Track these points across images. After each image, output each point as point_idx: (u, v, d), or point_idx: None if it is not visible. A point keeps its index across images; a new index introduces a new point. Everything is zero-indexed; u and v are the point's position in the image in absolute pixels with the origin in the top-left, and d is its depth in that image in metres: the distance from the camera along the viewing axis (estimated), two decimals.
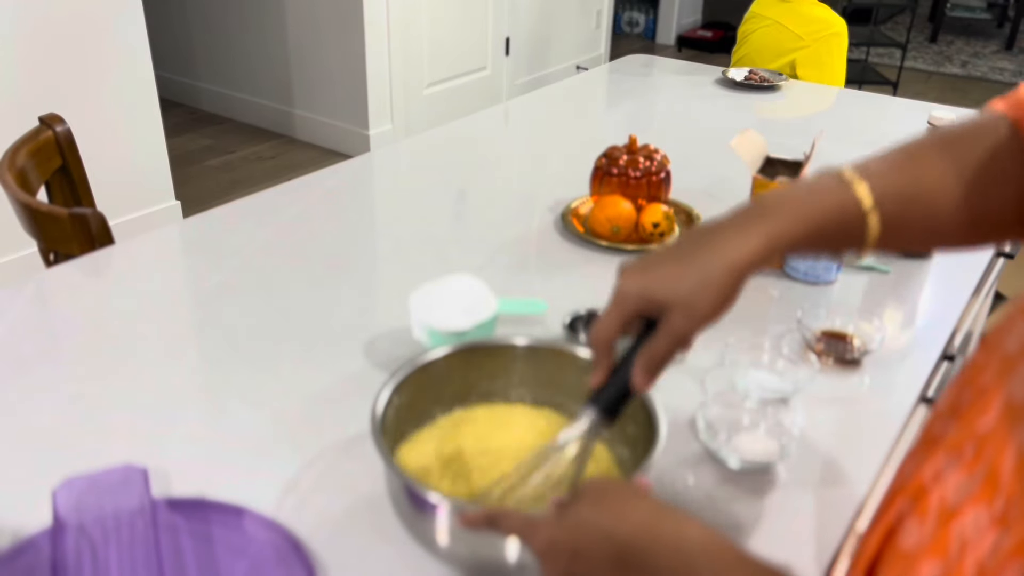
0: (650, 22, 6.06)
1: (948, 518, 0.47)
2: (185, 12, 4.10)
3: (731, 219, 0.62)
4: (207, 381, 0.96)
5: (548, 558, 0.57)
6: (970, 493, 0.47)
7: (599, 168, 1.31)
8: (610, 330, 0.63)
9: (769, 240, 0.60)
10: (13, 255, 2.59)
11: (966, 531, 0.45)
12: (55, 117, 1.42)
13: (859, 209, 0.61)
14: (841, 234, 0.61)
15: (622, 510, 0.57)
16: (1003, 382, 0.48)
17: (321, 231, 1.29)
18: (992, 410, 0.48)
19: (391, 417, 0.73)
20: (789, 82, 2.11)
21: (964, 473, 0.48)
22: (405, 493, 0.66)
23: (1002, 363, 0.49)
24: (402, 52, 3.73)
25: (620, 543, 0.55)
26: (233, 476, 0.79)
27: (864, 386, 0.97)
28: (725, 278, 0.59)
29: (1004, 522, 0.43)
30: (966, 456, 0.49)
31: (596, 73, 2.27)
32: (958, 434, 0.51)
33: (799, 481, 0.81)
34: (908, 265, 1.22)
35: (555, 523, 0.58)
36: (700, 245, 0.61)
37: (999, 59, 5.92)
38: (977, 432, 0.49)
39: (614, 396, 0.63)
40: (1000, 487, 0.45)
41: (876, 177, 0.61)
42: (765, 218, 0.61)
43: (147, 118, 2.87)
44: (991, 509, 0.45)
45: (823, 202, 0.61)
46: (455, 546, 0.65)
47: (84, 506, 0.66)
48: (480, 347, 0.81)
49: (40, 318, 1.07)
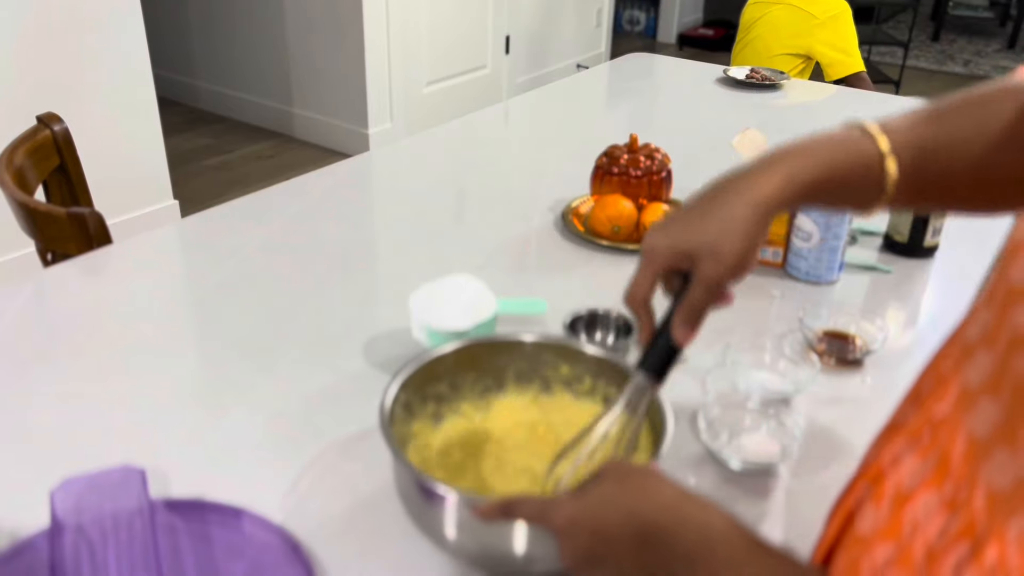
0: (651, 20, 6.06)
1: (902, 502, 0.48)
2: (184, 11, 4.10)
3: (752, 165, 0.62)
4: (206, 381, 0.96)
5: (568, 536, 0.56)
6: (923, 478, 0.47)
7: (600, 167, 1.31)
8: (643, 287, 0.64)
9: (790, 178, 0.61)
10: (11, 255, 2.58)
11: (918, 515, 0.46)
12: (53, 116, 1.41)
13: (879, 155, 0.61)
14: (859, 179, 0.62)
15: (646, 490, 0.56)
16: (960, 369, 0.48)
17: (321, 231, 1.28)
18: (948, 397, 0.49)
19: (399, 412, 0.73)
20: (790, 81, 2.11)
21: (919, 458, 0.49)
22: (415, 486, 0.66)
23: (962, 351, 0.50)
24: (402, 51, 3.72)
25: (643, 522, 0.54)
26: (232, 476, 0.79)
27: (866, 386, 0.96)
28: (748, 217, 0.60)
29: (952, 506, 0.44)
30: (923, 442, 0.49)
31: (597, 72, 2.26)
32: (917, 420, 0.51)
33: (800, 482, 0.81)
34: (910, 265, 1.22)
35: (575, 501, 0.57)
36: (722, 190, 0.62)
37: (1001, 58, 5.92)
38: (933, 418, 0.49)
39: (661, 356, 0.65)
40: (950, 471, 0.45)
41: (896, 132, 0.62)
42: (784, 160, 0.62)
43: (145, 117, 2.86)
44: (941, 493, 0.45)
45: (844, 146, 0.62)
46: (464, 539, 0.65)
47: (82, 507, 0.65)
48: (487, 343, 0.80)
49: (38, 318, 1.07)
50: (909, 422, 0.52)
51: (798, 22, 2.61)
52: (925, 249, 1.22)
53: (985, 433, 0.44)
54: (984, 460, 0.43)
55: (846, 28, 2.62)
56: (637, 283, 0.65)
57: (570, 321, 0.97)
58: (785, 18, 2.63)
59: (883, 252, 1.25)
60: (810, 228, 1.11)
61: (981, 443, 0.44)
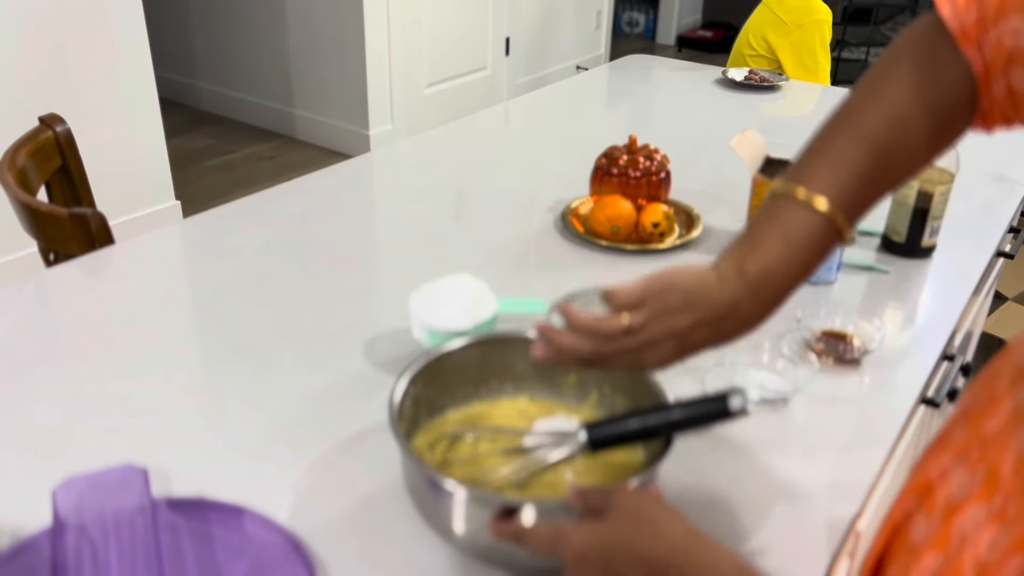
0: (650, 22, 6.06)
1: (951, 513, 0.48)
2: (185, 12, 4.10)
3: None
4: (207, 381, 0.96)
5: (578, 569, 0.58)
6: (971, 490, 0.48)
7: (599, 168, 1.31)
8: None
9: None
10: (13, 255, 2.59)
11: (966, 526, 0.46)
12: (55, 117, 1.42)
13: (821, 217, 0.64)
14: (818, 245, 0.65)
15: (657, 529, 0.57)
16: (1014, 389, 0.49)
17: (321, 231, 1.29)
18: (1000, 414, 0.49)
19: (407, 407, 0.74)
20: (789, 82, 2.11)
21: (967, 472, 0.49)
22: (424, 482, 0.66)
23: (1016, 372, 0.50)
24: (402, 52, 3.73)
25: (654, 562, 0.55)
26: (233, 476, 0.79)
27: (864, 386, 0.97)
28: None
29: (1002, 519, 0.44)
30: (972, 457, 0.49)
31: (596, 73, 2.27)
32: (965, 436, 0.52)
33: (799, 482, 0.81)
34: (908, 265, 1.22)
35: (587, 536, 0.58)
36: None
37: None
38: (983, 434, 0.50)
39: (608, 436, 0.67)
40: (1000, 486, 0.45)
41: (822, 179, 0.64)
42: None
43: (147, 118, 2.87)
44: (990, 506, 0.45)
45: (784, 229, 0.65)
46: (474, 533, 0.66)
47: (84, 506, 0.66)
48: (496, 340, 0.81)
49: (40, 318, 1.07)
50: (957, 438, 0.53)
51: (771, 26, 2.55)
52: (923, 249, 1.23)
53: None
54: None
55: (811, 40, 2.51)
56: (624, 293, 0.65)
57: None
58: (762, 20, 2.60)
59: (881, 252, 1.25)
60: None
61: None
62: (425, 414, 0.78)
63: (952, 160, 1.19)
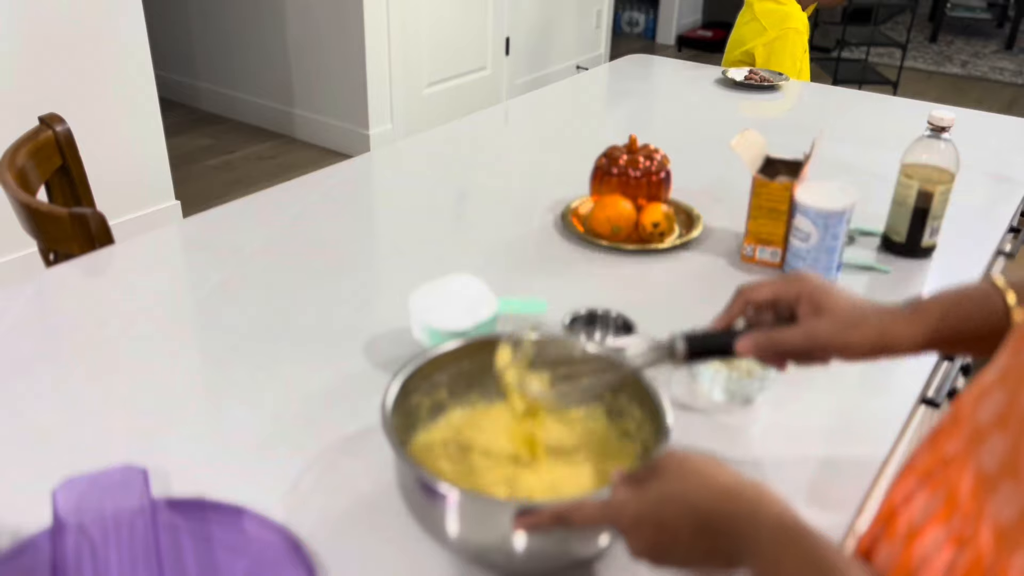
0: (650, 22, 6.06)
1: (912, 538, 0.48)
2: (185, 12, 4.10)
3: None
4: (207, 381, 0.96)
5: (635, 533, 0.59)
6: (932, 513, 0.48)
7: (599, 168, 1.31)
8: (762, 292, 0.70)
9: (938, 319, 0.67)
10: (13, 255, 2.59)
11: (927, 549, 0.47)
12: (55, 117, 1.42)
13: (999, 294, 0.65)
14: (982, 318, 0.66)
15: (702, 480, 0.58)
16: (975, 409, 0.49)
17: (321, 231, 1.29)
18: (960, 435, 0.49)
19: (400, 409, 0.73)
20: (789, 82, 2.11)
21: (928, 494, 0.49)
22: (417, 484, 0.66)
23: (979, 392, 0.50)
24: (402, 52, 3.73)
25: (702, 511, 0.57)
26: (233, 476, 0.79)
27: (864, 386, 0.97)
28: (892, 320, 0.66)
29: (960, 540, 0.44)
30: (933, 478, 0.50)
31: (596, 73, 2.27)
32: (928, 459, 0.52)
33: (798, 482, 0.81)
34: (908, 265, 1.22)
35: (637, 499, 0.59)
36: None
37: (999, 59, 5.92)
38: (945, 456, 0.50)
39: (709, 345, 0.67)
40: (958, 506, 0.46)
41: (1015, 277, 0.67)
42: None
43: (147, 118, 2.87)
44: (949, 527, 0.46)
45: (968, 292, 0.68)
46: (466, 536, 0.66)
47: (84, 506, 0.66)
48: (489, 341, 0.81)
49: (40, 318, 1.07)
50: (922, 461, 0.53)
51: (751, 30, 2.53)
52: (923, 249, 1.23)
53: (992, 467, 0.44)
54: (991, 494, 0.43)
55: (782, 52, 2.43)
56: (758, 286, 0.68)
57: (570, 321, 0.98)
58: (745, 21, 2.58)
59: (881, 252, 1.25)
60: (808, 228, 1.12)
61: (988, 477, 0.44)
62: (428, 413, 0.78)
63: (952, 160, 1.19)
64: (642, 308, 1.02)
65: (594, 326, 0.99)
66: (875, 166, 1.55)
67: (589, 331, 0.99)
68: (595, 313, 0.99)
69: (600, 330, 0.99)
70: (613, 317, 0.98)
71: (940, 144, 1.19)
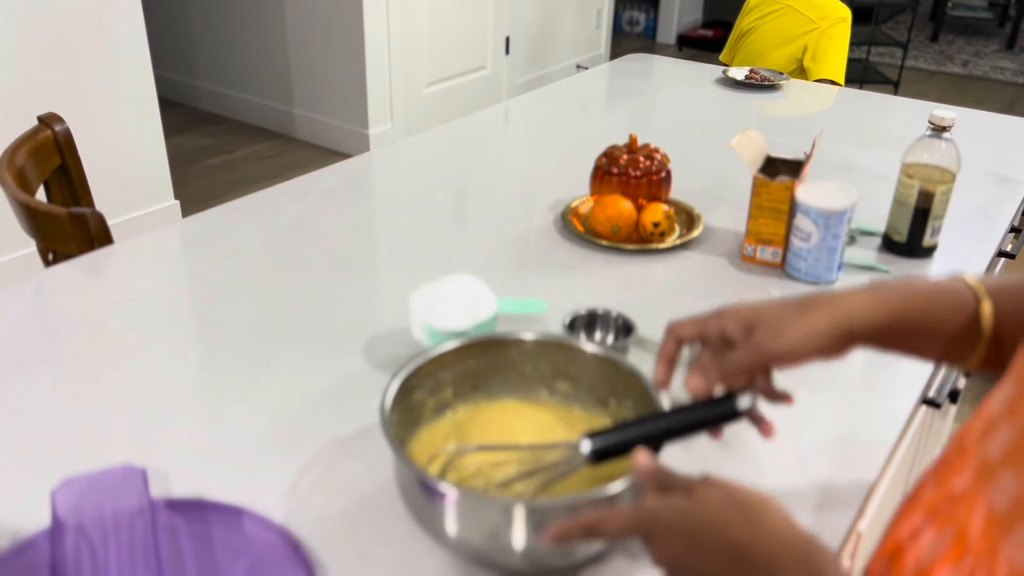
0: (650, 21, 6.06)
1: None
2: (185, 12, 4.10)
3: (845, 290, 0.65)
4: (207, 381, 0.96)
5: (663, 543, 0.57)
6: (940, 553, 0.47)
7: (599, 167, 1.31)
8: (687, 329, 0.68)
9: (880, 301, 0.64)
10: (12, 255, 2.59)
11: None
12: (54, 116, 1.41)
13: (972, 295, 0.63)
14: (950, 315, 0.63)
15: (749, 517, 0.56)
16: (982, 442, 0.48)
17: (321, 231, 1.28)
18: (967, 470, 0.48)
19: (399, 409, 0.73)
20: (789, 81, 2.11)
21: (936, 532, 0.48)
22: (416, 484, 0.66)
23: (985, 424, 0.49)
24: (402, 51, 3.73)
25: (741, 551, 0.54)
26: (233, 476, 0.79)
27: (865, 387, 0.97)
28: (825, 323, 0.63)
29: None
30: (941, 515, 0.49)
31: (596, 72, 2.26)
32: (935, 494, 0.51)
33: (799, 483, 0.81)
34: (909, 265, 1.22)
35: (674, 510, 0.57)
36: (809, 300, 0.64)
37: (1000, 58, 5.92)
38: (952, 492, 0.49)
39: (612, 445, 0.65)
40: (968, 546, 0.44)
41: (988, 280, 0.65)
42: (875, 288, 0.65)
43: (146, 117, 2.87)
44: (958, 569, 0.44)
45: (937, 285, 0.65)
46: (465, 535, 0.65)
47: (83, 506, 0.66)
48: (488, 341, 0.81)
49: (39, 318, 1.07)
50: (927, 495, 0.52)
51: (792, 27, 2.57)
52: (924, 249, 1.23)
53: (1005, 507, 0.43)
54: (1005, 535, 0.42)
55: (836, 40, 2.55)
56: (684, 324, 0.66)
57: (570, 321, 0.97)
58: (783, 22, 2.60)
59: (882, 252, 1.25)
60: (809, 228, 1.11)
61: (1001, 518, 0.43)
62: (430, 412, 0.78)
63: (953, 160, 1.19)
64: (642, 308, 1.02)
65: (594, 326, 0.99)
66: (876, 166, 1.55)
67: (589, 331, 0.99)
68: (595, 313, 0.99)
69: (600, 330, 0.99)
70: (613, 317, 0.98)
71: (941, 144, 1.19)
